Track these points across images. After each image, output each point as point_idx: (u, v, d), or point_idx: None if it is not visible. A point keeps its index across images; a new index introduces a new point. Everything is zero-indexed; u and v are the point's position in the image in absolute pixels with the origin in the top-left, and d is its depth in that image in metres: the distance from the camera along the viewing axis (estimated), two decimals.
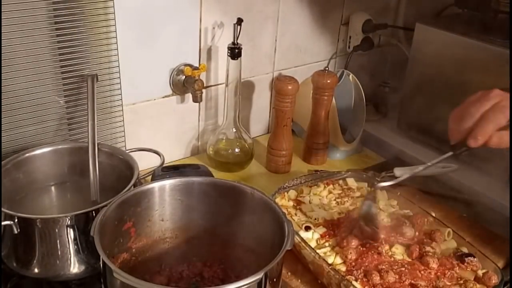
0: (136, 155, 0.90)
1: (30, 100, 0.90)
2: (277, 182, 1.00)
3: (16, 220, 0.74)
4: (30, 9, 0.84)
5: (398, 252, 0.83)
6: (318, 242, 0.85)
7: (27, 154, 0.88)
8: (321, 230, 0.87)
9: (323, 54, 1.29)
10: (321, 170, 1.08)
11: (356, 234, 0.84)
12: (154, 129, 1.09)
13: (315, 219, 0.90)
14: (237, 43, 1.03)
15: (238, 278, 0.60)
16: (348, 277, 0.76)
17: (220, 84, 1.14)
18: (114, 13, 0.92)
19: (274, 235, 0.71)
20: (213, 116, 1.17)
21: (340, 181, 1.00)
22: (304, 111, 1.15)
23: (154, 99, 1.06)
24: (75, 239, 0.76)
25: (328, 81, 1.09)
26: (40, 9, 0.85)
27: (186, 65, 1.05)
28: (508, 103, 0.71)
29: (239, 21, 1.01)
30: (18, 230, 0.74)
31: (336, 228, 0.87)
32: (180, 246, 0.81)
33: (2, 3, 0.80)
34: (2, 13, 0.81)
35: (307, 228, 0.87)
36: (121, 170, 0.88)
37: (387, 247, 0.83)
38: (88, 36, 0.91)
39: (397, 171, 1.05)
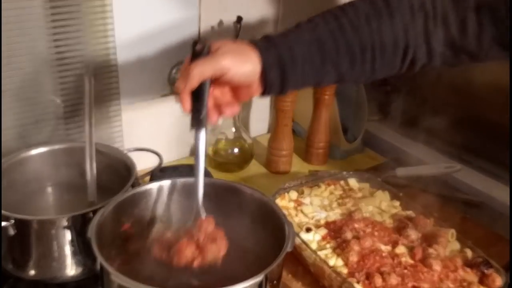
0: (134, 155, 0.90)
1: (27, 99, 0.90)
2: (277, 183, 1.00)
3: (12, 221, 0.74)
4: (27, 8, 0.84)
5: (402, 254, 0.82)
6: (319, 243, 0.85)
7: (23, 154, 0.88)
8: (322, 231, 0.86)
9: None
10: (322, 171, 1.07)
11: None
12: (153, 128, 1.08)
13: (316, 220, 0.90)
14: None
15: (238, 279, 0.60)
16: (349, 279, 0.76)
17: None
18: (112, 11, 0.91)
19: (275, 237, 0.70)
20: None
21: (342, 182, 1.00)
22: (305, 111, 1.15)
23: (153, 99, 1.06)
24: (72, 240, 0.76)
25: None
26: (37, 7, 0.84)
27: None
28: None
29: (239, 19, 1.01)
30: (15, 231, 0.74)
31: (338, 230, 0.86)
32: None
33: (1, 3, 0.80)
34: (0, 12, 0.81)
35: (308, 230, 0.86)
36: (119, 170, 0.88)
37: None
38: (85, 35, 0.91)
39: (400, 171, 1.05)
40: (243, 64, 0.64)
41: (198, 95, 0.63)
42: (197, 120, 0.65)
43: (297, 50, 0.65)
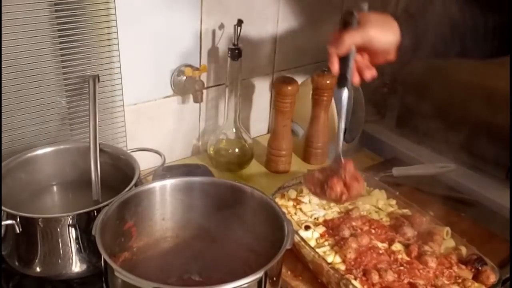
0: (137, 155, 0.90)
1: (33, 100, 0.90)
2: (277, 182, 1.00)
3: (18, 220, 0.75)
4: (32, 10, 0.84)
5: (398, 251, 0.83)
6: (318, 241, 0.85)
7: (29, 154, 0.88)
8: (321, 229, 0.87)
9: (322, 55, 1.28)
10: None
11: None
12: (155, 129, 1.09)
13: (315, 218, 0.90)
14: (237, 44, 1.03)
15: (238, 277, 0.60)
16: (347, 276, 0.77)
17: (221, 84, 1.14)
18: (115, 14, 0.92)
19: (274, 235, 0.71)
20: (213, 117, 1.18)
21: None
22: (304, 112, 1.15)
23: (155, 100, 1.07)
24: (76, 238, 0.77)
25: (328, 82, 1.09)
26: (42, 10, 0.85)
27: (187, 66, 1.05)
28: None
29: (240, 22, 1.01)
30: (20, 229, 0.75)
31: (336, 228, 0.87)
32: (180, 245, 0.82)
33: (5, 4, 0.81)
34: (4, 14, 0.81)
35: (307, 228, 0.87)
36: (122, 170, 0.89)
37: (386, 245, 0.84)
38: (89, 37, 0.91)
39: (396, 171, 1.06)
40: (387, 35, 0.74)
41: (344, 59, 0.74)
42: (343, 80, 0.75)
43: (431, 25, 0.75)
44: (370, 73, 0.76)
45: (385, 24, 0.75)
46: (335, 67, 0.74)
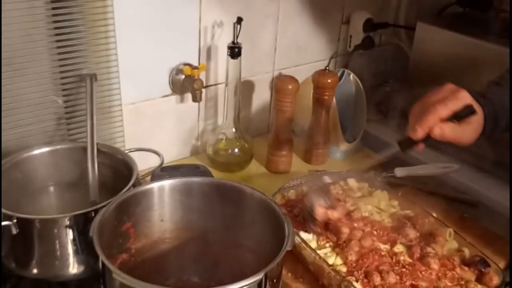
0: (135, 155, 0.90)
1: (29, 99, 0.90)
2: (277, 182, 1.00)
3: (14, 221, 0.74)
4: (29, 8, 0.84)
5: (400, 253, 0.82)
6: (319, 243, 0.85)
7: (25, 154, 0.88)
8: None
9: (323, 53, 1.29)
10: (322, 170, 1.08)
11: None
12: (154, 129, 1.09)
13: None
14: (237, 42, 1.03)
15: (238, 278, 0.60)
16: (348, 278, 0.76)
17: (220, 83, 1.14)
18: (113, 12, 0.92)
19: (274, 236, 0.71)
20: (212, 116, 1.17)
21: (341, 182, 1.00)
22: (304, 111, 1.15)
23: (154, 99, 1.06)
24: (74, 239, 0.76)
25: (329, 81, 1.08)
26: (38, 8, 0.85)
27: (185, 64, 1.05)
28: (456, 96, 0.75)
29: (239, 20, 1.01)
30: (17, 230, 0.74)
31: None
32: (179, 247, 0.81)
33: (1, 3, 0.80)
34: (1, 12, 0.81)
35: None
36: (120, 170, 0.88)
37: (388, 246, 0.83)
38: (86, 35, 0.91)
39: (398, 171, 1.05)
40: (475, 136, 0.78)
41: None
42: (408, 150, 0.80)
43: (505, 104, 0.79)
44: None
45: (479, 127, 0.77)
46: (420, 135, 0.75)
